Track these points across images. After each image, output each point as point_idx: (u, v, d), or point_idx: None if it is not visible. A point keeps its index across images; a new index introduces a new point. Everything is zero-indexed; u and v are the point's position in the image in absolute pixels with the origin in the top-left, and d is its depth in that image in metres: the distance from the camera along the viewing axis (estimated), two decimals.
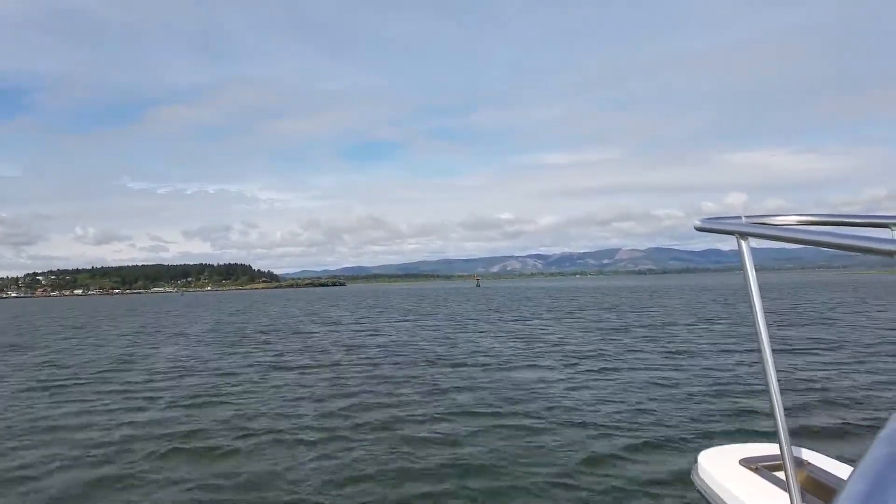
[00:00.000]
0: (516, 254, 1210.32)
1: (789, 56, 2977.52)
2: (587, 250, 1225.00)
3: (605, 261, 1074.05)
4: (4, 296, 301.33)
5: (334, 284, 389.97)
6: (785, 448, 1.35)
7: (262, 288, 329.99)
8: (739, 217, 1.44)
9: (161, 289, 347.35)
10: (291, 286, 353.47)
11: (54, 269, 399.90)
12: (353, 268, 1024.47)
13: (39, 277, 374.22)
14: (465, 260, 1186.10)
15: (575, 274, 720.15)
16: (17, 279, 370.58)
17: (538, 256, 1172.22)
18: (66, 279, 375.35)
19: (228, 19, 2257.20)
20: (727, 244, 1.42)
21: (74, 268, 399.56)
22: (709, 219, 1.48)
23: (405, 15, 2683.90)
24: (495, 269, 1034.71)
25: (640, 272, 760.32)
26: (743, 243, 1.39)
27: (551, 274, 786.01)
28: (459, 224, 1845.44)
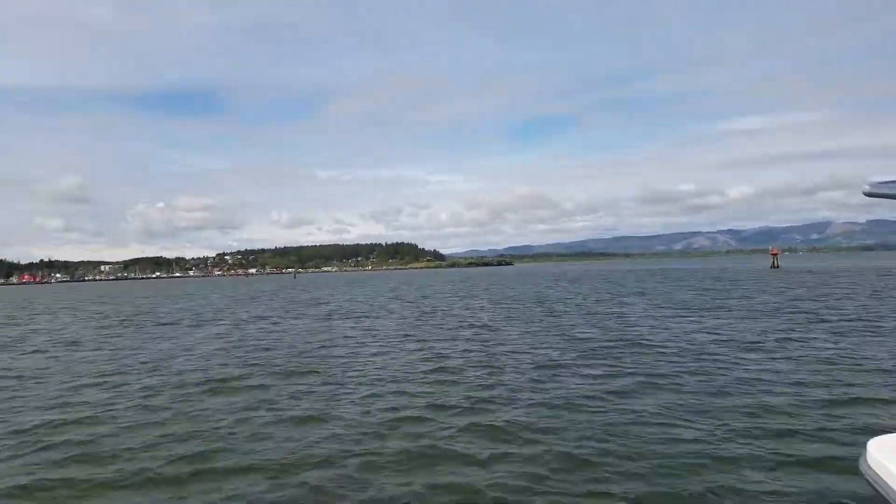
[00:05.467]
0: (703, 229, 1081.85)
1: None
2: (791, 224, 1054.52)
3: (814, 235, 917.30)
4: (180, 275, 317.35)
5: (499, 264, 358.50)
6: None
7: (423, 267, 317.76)
8: None
9: (329, 268, 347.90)
10: (452, 265, 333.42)
11: (253, 249, 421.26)
12: (519, 247, 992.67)
13: (227, 257, 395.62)
14: (642, 237, 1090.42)
15: (784, 251, 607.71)
16: (206, 259, 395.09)
17: (730, 232, 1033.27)
18: (251, 259, 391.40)
19: (386, 9, 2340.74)
20: None
21: (260, 248, 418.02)
22: (883, 182, 1.13)
23: None
24: (678, 246, 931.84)
25: (867, 247, 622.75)
26: None
27: (751, 251, 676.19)
28: (632, 199, 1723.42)
